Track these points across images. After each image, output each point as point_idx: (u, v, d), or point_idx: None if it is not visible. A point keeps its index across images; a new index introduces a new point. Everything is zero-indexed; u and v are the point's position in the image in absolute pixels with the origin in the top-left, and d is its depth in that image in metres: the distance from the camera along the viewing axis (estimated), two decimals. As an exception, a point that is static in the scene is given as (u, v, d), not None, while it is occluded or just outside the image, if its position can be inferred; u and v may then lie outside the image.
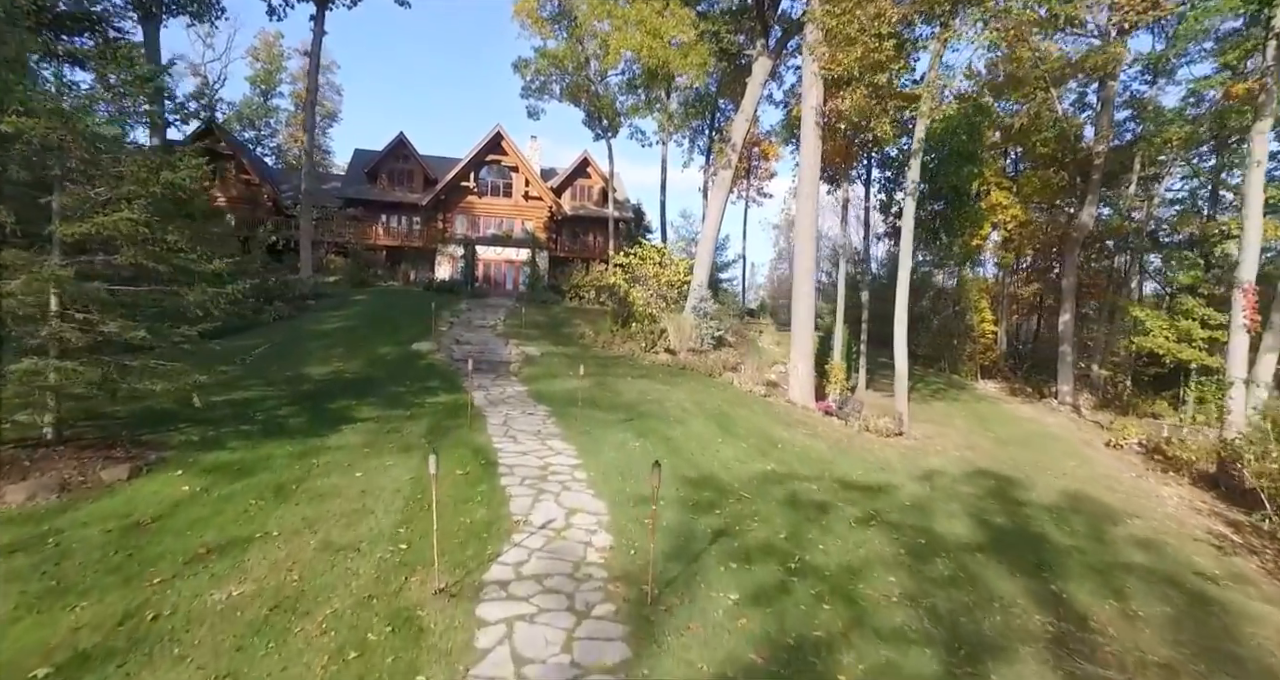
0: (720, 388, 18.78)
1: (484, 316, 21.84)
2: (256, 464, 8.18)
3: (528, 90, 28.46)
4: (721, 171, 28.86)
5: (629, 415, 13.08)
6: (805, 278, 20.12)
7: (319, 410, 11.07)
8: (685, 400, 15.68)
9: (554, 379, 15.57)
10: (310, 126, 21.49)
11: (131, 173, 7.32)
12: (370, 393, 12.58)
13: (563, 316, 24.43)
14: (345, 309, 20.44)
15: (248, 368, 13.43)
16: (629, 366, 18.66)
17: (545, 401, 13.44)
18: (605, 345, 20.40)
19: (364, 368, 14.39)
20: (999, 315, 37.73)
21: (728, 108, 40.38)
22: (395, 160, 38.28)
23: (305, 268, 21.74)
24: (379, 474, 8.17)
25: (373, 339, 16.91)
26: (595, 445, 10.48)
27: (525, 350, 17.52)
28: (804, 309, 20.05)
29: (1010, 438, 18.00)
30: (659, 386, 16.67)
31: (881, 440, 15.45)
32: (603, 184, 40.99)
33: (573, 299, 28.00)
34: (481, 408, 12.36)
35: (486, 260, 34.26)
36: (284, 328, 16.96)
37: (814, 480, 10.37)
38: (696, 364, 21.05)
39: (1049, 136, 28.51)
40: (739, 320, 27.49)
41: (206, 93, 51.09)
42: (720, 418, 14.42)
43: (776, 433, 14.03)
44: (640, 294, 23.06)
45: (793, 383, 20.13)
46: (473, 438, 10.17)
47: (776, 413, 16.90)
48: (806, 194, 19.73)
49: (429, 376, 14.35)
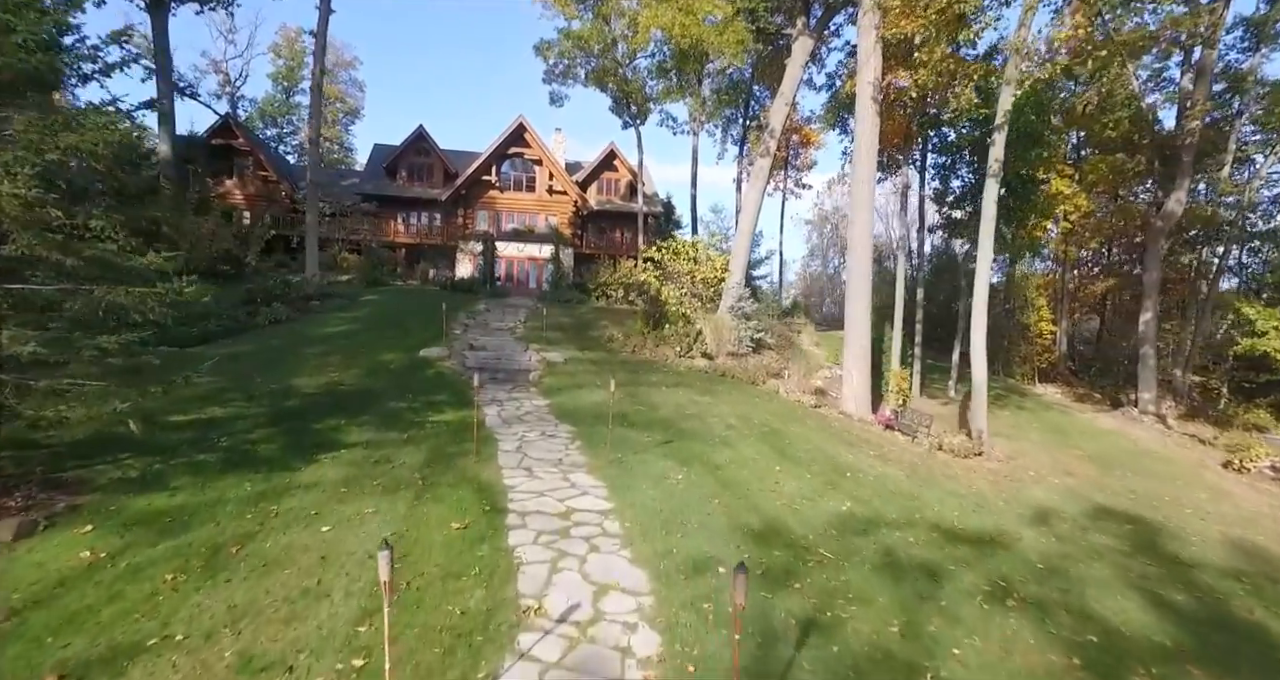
0: (765, 397, 16.69)
1: (503, 318, 20.01)
2: (198, 513, 6.35)
3: (550, 74, 26.62)
4: (759, 160, 26.74)
5: (667, 435, 11.09)
6: (860, 275, 17.87)
7: (299, 433, 9.25)
8: (729, 414, 13.64)
9: (579, 390, 13.63)
10: (315, 113, 19.90)
11: (18, 133, 5.49)
12: (365, 409, 10.75)
13: (589, 317, 22.50)
14: (352, 310, 18.77)
15: (234, 378, 11.71)
16: (663, 373, 16.66)
17: (569, 419, 11.50)
18: (636, 349, 18.41)
19: (362, 378, 12.59)
20: (1057, 314, 34.87)
21: (762, 95, 38.10)
22: (414, 154, 36.76)
23: (311, 266, 20.15)
24: (351, 528, 6.28)
25: (377, 344, 15.15)
26: (629, 478, 8.50)
27: (547, 356, 15.61)
28: (859, 310, 17.81)
29: (1105, 457, 15.54)
30: (698, 397, 14.66)
31: (961, 463, 13.20)
32: (630, 177, 39.01)
33: (599, 298, 26.07)
34: (493, 429, 10.45)
35: (508, 258, 32.51)
36: (280, 332, 15.30)
37: (905, 527, 8.23)
38: (736, 370, 18.97)
39: (1123, 117, 25.75)
40: (778, 321, 25.29)
41: (228, 89, 50.51)
42: (772, 437, 12.35)
43: (841, 456, 11.90)
44: (673, 293, 21.03)
45: (846, 392, 17.92)
46: (478, 471, 8.24)
47: (833, 428, 14.74)
48: (862, 178, 17.48)
49: (436, 389, 12.50)
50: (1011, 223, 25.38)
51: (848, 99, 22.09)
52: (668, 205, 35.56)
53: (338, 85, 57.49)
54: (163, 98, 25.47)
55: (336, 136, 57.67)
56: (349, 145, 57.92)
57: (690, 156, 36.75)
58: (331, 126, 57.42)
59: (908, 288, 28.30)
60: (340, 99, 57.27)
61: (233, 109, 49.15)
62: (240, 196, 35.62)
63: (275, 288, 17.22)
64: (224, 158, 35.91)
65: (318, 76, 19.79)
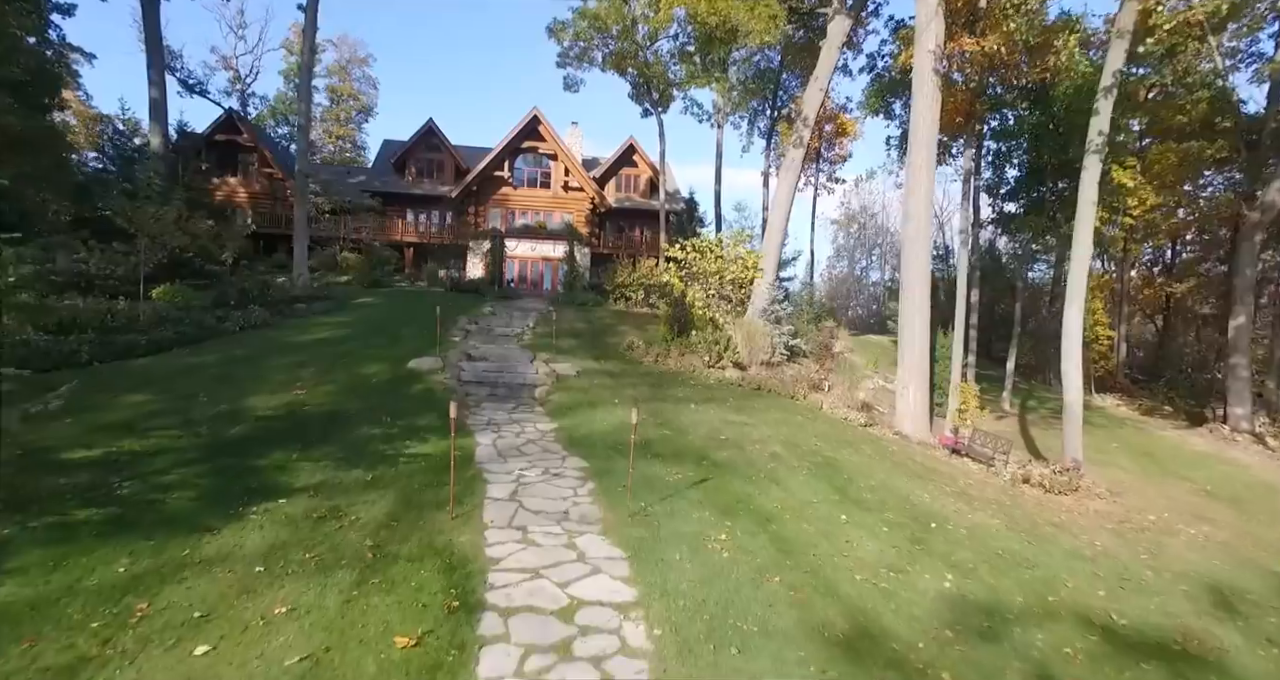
0: (808, 415, 14.43)
1: (509, 323, 17.94)
2: (22, 618, 4.29)
3: (565, 58, 24.54)
4: (791, 151, 24.47)
5: (701, 469, 8.94)
6: (918, 275, 15.49)
7: (233, 474, 7.21)
8: (771, 438, 11.44)
9: (593, 410, 11.48)
10: (304, 96, 18.01)
11: None
12: (327, 438, 8.69)
13: (605, 322, 20.36)
14: (341, 314, 16.82)
15: (175, 398, 9.74)
16: (690, 387, 14.47)
17: (579, 449, 9.35)
18: (659, 359, 16.23)
19: (334, 397, 10.55)
20: (1114, 317, 32.04)
21: (790, 85, 35.79)
22: (424, 150, 34.97)
23: (299, 265, 18.28)
24: (243, 649, 4.17)
25: (360, 354, 13.14)
26: (657, 544, 6.33)
27: (556, 368, 13.50)
28: (916, 316, 15.43)
29: (1227, 492, 13.04)
30: (733, 417, 12.47)
31: (1057, 502, 10.83)
32: (650, 173, 36.92)
33: (618, 300, 23.93)
34: (484, 465, 8.32)
35: (520, 258, 30.51)
36: (251, 339, 13.35)
37: (1044, 620, 5.93)
38: (772, 382, 16.72)
39: (1201, 98, 23.05)
40: (814, 326, 22.96)
41: (239, 86, 49.29)
42: (827, 469, 10.12)
43: (915, 495, 9.62)
44: (699, 295, 18.84)
45: (900, 409, 15.57)
46: (454, 534, 6.12)
47: (894, 456, 12.43)
48: (920, 164, 15.14)
49: (420, 409, 10.42)
50: (1066, 218, 22.84)
51: (900, 75, 19.72)
52: (690, 202, 33.36)
53: (350, 83, 56.19)
54: (153, 87, 23.86)
55: (349, 135, 56.34)
56: (362, 143, 56.54)
57: (714, 151, 34.60)
58: (344, 125, 56.12)
59: (949, 288, 25.75)
60: (353, 96, 55.93)
61: (243, 106, 47.82)
62: (244, 195, 34.10)
63: (253, 289, 15.31)
64: (228, 154, 34.44)
65: (308, 56, 17.92)
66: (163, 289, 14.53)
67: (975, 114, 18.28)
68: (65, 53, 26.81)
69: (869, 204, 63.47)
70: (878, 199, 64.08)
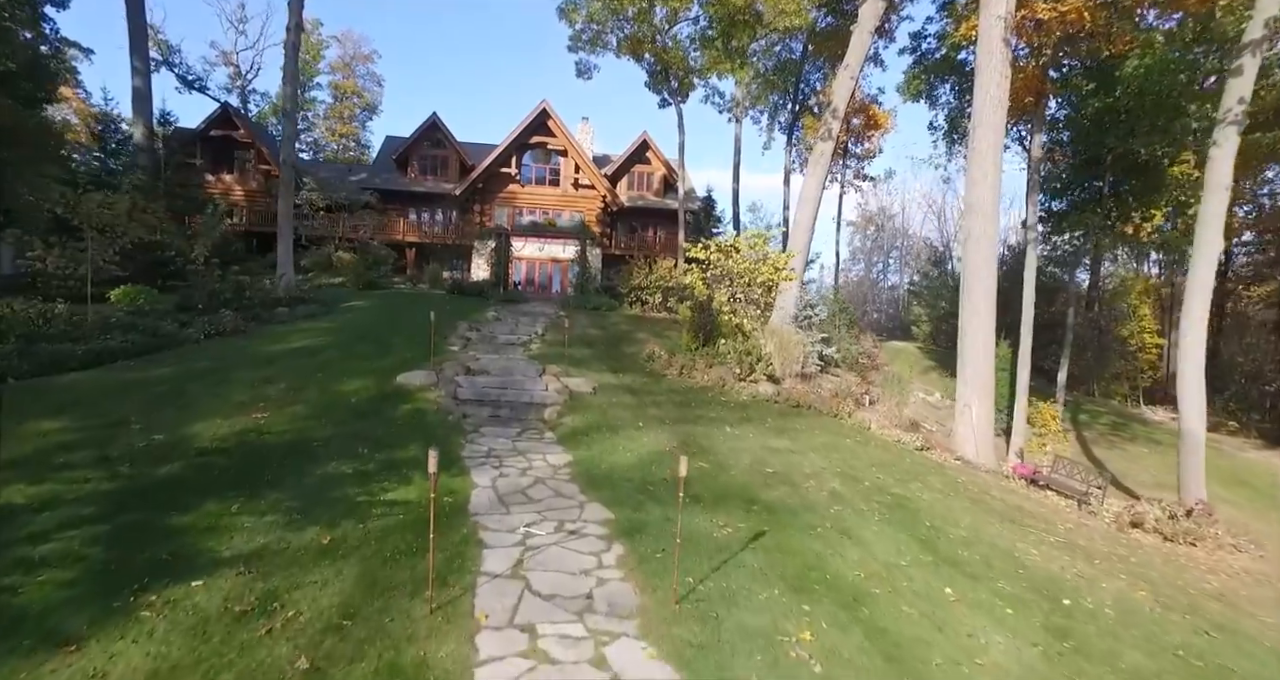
0: (856, 437, 12.53)
1: (515, 329, 16.08)
2: None
3: (577, 42, 22.72)
4: (819, 144, 22.62)
5: (753, 517, 7.14)
6: (983, 278, 13.49)
7: (139, 537, 5.38)
8: (825, 469, 9.60)
9: (613, 436, 9.60)
10: (290, 76, 16.19)
11: None
12: (283, 480, 6.85)
13: (621, 328, 18.48)
14: (327, 319, 15.00)
15: (102, 423, 7.91)
16: (721, 405, 12.59)
17: (600, 490, 7.48)
18: (684, 371, 14.33)
19: (302, 421, 8.71)
20: (1164, 324, 29.95)
21: (812, 78, 33.94)
22: (427, 145, 33.21)
23: (283, 264, 16.49)
24: None
25: (341, 366, 11.30)
26: (719, 653, 4.47)
27: (569, 383, 11.62)
28: (979, 323, 13.45)
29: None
30: (775, 442, 10.63)
31: (1185, 555, 8.86)
32: (664, 171, 35.09)
33: (633, 304, 22.04)
34: (480, 518, 6.44)
35: (527, 259, 28.69)
36: (217, 349, 11.53)
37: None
38: (810, 397, 14.80)
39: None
40: (847, 333, 21.02)
41: (239, 82, 47.82)
42: (901, 512, 8.25)
43: (1017, 548, 7.71)
44: (724, 298, 16.94)
45: (961, 431, 13.59)
46: (429, 648, 4.24)
47: (968, 489, 10.50)
48: (985, 148, 13.19)
49: (405, 437, 8.57)
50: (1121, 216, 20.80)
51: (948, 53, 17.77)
52: (708, 200, 31.45)
53: (354, 79, 54.69)
54: (136, 76, 22.22)
55: (352, 133, 54.80)
56: (365, 142, 54.94)
57: (730, 150, 32.78)
58: (347, 122, 54.61)
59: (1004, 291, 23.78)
60: (357, 93, 54.41)
61: (243, 103, 46.42)
62: (240, 192, 32.50)
63: (225, 291, 13.50)
64: (224, 151, 32.87)
65: (294, 33, 16.15)
66: (122, 290, 12.79)
67: (1045, 92, 16.27)
68: (62, 48, 25.41)
69: (887, 205, 61.39)
70: (897, 199, 62.14)
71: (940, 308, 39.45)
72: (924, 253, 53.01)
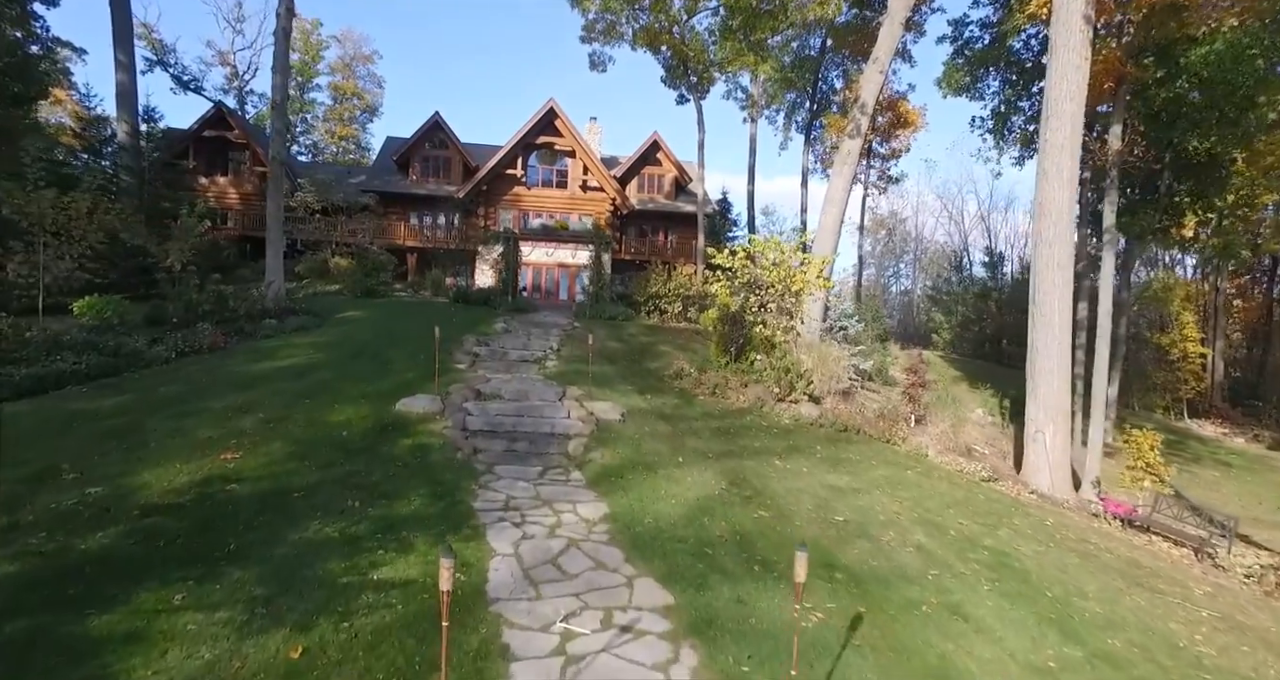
0: (917, 468, 11.05)
1: (528, 343, 14.57)
2: None
3: (590, 32, 21.29)
4: (847, 141, 21.32)
5: (841, 596, 5.77)
6: (1055, 288, 11.92)
7: (30, 657, 3.85)
8: (901, 515, 8.16)
9: (652, 475, 8.09)
10: (281, 66, 14.67)
11: None
12: (248, 551, 5.35)
13: (642, 340, 16.97)
14: (319, 332, 13.49)
15: (33, 466, 6.41)
16: (764, 432, 11.10)
17: (649, 557, 5.97)
18: (717, 391, 12.81)
19: (280, 463, 7.20)
20: (1208, 333, 28.40)
21: (830, 76, 32.56)
22: (429, 146, 31.79)
23: (272, 271, 14.97)
24: None
25: (333, 390, 9.79)
26: None
27: (595, 409, 10.11)
28: (1053, 337, 11.88)
29: None
30: (832, 477, 9.21)
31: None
32: (676, 173, 33.65)
33: (651, 313, 20.52)
34: (501, 607, 4.92)
35: (535, 264, 27.19)
36: (189, 370, 10.01)
37: None
38: (855, 418, 13.35)
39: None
40: (881, 344, 19.51)
41: (236, 83, 46.46)
42: (1011, 575, 6.83)
43: (1174, 634, 6.19)
44: (755, 307, 15.43)
45: (1033, 460, 12.03)
46: None
47: (1068, 537, 8.99)
48: (1061, 143, 11.65)
49: (404, 483, 7.06)
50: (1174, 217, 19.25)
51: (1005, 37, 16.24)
52: (724, 203, 29.96)
53: (355, 80, 53.39)
54: (120, 70, 20.81)
55: (352, 135, 53.46)
56: (366, 145, 53.55)
57: (745, 151, 31.31)
58: (347, 124, 53.26)
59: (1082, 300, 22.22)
60: (357, 94, 53.09)
61: (240, 105, 45.02)
62: (235, 195, 31.10)
63: (204, 302, 11.98)
64: (218, 152, 31.51)
65: (285, 18, 14.71)
66: (86, 301, 11.31)
67: (1125, 76, 14.70)
68: (53, 48, 24.06)
69: (899, 208, 59.90)
70: (908, 202, 60.69)
71: (960, 314, 37.99)
72: (940, 257, 51.48)
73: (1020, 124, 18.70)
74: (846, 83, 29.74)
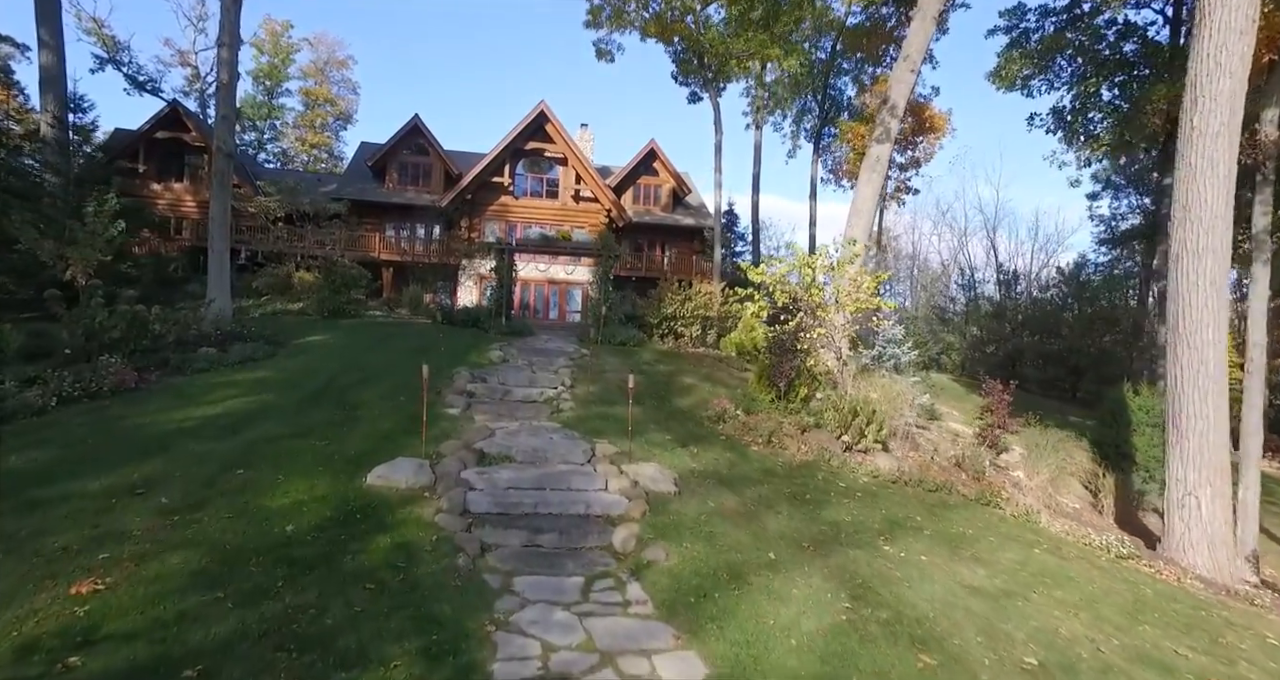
0: (1043, 542, 8.67)
1: (533, 376, 11.91)
2: None
3: (596, 17, 18.97)
4: (875, 146, 19.41)
5: None
6: (1206, 311, 9.49)
7: None
8: (1096, 643, 5.62)
9: (746, 592, 5.50)
10: (229, 37, 12.05)
11: None
12: None
13: (662, 370, 14.38)
14: (272, 364, 10.69)
15: None
16: (847, 496, 8.61)
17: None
18: (773, 439, 10.26)
19: (176, 596, 4.47)
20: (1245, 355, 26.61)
21: (839, 82, 30.75)
22: (408, 151, 29.18)
23: (214, 287, 12.11)
24: None
25: (277, 453, 7.04)
26: None
27: (639, 476, 7.50)
28: (1209, 378, 9.42)
29: None
30: (969, 574, 6.75)
31: None
32: (673, 183, 31.49)
33: (665, 337, 17.98)
34: None
35: (525, 280, 24.59)
36: (72, 425, 7.16)
37: None
38: (934, 471, 10.97)
39: None
40: (926, 374, 17.21)
41: (198, 85, 43.33)
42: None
43: None
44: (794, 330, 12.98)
45: (1184, 532, 9.50)
46: None
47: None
48: (1217, 130, 9.26)
49: (379, 632, 4.37)
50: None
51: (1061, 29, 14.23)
52: (731, 215, 27.71)
53: (328, 85, 50.53)
54: (44, 51, 17.86)
55: (325, 143, 50.47)
56: (339, 154, 50.54)
57: (753, 154, 29.24)
58: (319, 132, 50.29)
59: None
60: (330, 101, 50.19)
61: (202, 108, 41.88)
62: (192, 202, 28.02)
63: (113, 327, 9.10)
64: (173, 155, 28.51)
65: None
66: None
67: None
68: None
69: (892, 225, 58.45)
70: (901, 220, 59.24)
71: (972, 335, 36.19)
72: (941, 276, 49.86)
73: (1097, 121, 16.71)
74: (859, 88, 27.93)
